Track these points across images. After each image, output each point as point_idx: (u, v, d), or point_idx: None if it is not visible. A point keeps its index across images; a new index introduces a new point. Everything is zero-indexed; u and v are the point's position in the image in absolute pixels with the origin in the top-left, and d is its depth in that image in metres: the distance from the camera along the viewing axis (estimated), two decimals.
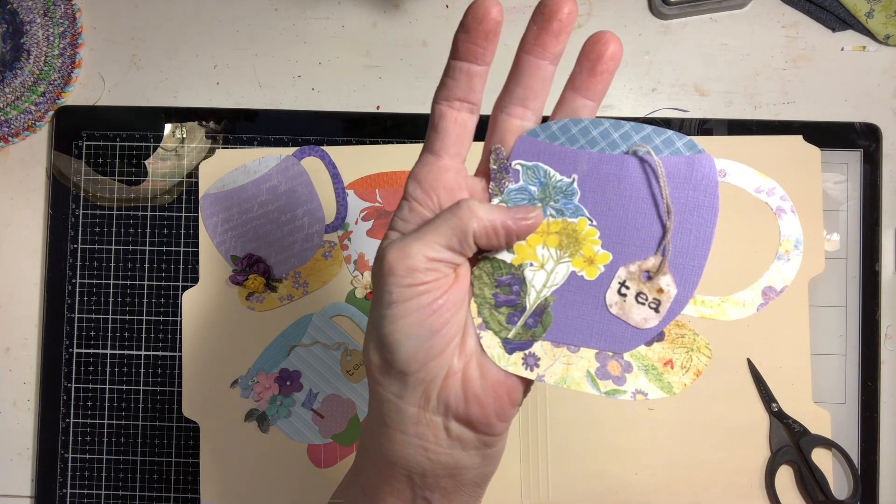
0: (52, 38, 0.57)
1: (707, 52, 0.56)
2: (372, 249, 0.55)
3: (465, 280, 0.29)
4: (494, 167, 0.29)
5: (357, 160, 0.55)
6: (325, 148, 0.55)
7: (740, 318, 0.25)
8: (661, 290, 0.27)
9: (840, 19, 0.55)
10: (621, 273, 0.27)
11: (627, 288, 0.27)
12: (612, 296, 0.27)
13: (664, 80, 0.56)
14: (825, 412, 0.53)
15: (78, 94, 0.58)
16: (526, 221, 0.28)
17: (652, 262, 0.27)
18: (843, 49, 0.56)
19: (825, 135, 0.54)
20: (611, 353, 0.28)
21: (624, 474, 0.53)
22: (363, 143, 0.56)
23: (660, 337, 0.28)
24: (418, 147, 0.55)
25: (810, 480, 0.52)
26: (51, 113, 0.58)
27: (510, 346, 0.28)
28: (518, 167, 0.28)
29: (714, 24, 0.56)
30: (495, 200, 0.28)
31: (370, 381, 0.30)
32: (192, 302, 0.55)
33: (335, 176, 0.54)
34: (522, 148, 0.28)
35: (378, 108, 0.57)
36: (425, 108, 0.57)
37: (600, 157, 0.27)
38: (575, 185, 0.28)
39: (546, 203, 0.28)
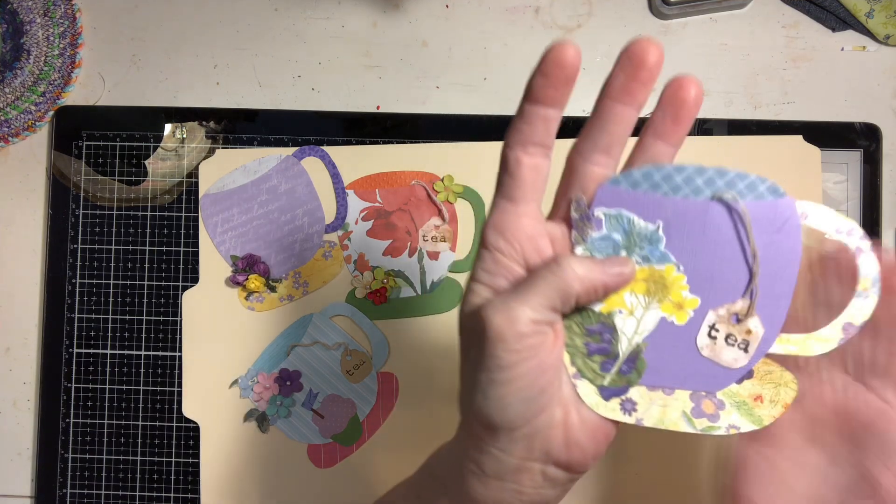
0: (52, 38, 0.57)
1: (707, 52, 0.56)
2: (371, 249, 0.55)
3: (562, 335, 0.29)
4: (576, 216, 0.29)
5: (357, 160, 0.55)
6: (325, 148, 0.55)
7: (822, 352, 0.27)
8: (749, 332, 0.28)
9: (840, 19, 0.55)
10: (710, 316, 0.28)
11: (717, 331, 0.28)
12: (702, 339, 0.28)
13: (664, 80, 0.56)
14: None
15: (78, 94, 0.58)
16: (623, 277, 0.28)
17: (740, 305, 0.28)
18: (843, 49, 0.56)
19: (825, 135, 0.54)
20: (704, 393, 0.29)
21: (625, 477, 0.52)
22: (363, 143, 0.56)
23: (749, 374, 0.29)
24: (419, 147, 0.55)
25: None
26: (51, 113, 0.58)
27: (607, 393, 0.29)
28: (601, 216, 0.29)
29: (714, 24, 0.56)
30: (578, 249, 0.29)
31: (467, 435, 0.29)
32: (192, 302, 0.55)
33: (335, 176, 0.54)
34: (604, 196, 0.28)
35: (378, 108, 0.57)
36: (425, 108, 0.57)
37: (685, 202, 0.28)
38: (660, 231, 0.28)
39: (631, 251, 0.29)
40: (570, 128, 0.55)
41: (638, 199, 0.28)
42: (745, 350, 0.28)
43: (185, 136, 0.57)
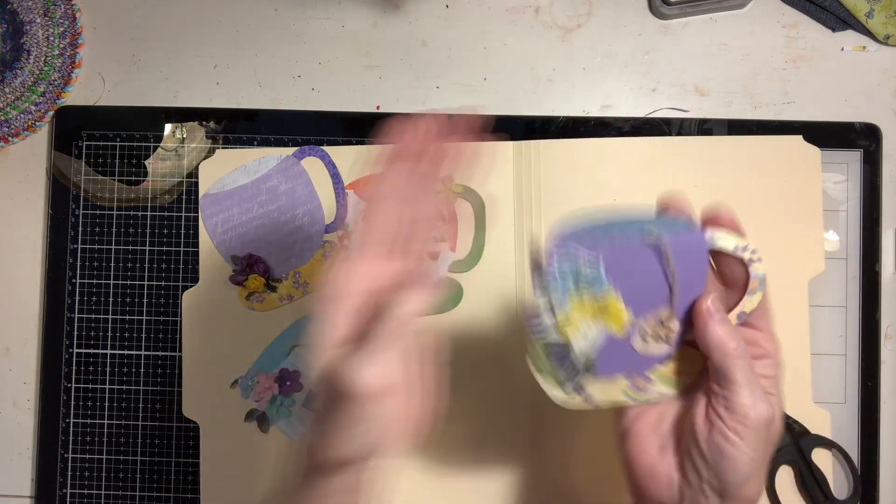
0: (52, 38, 0.57)
1: (707, 52, 0.56)
2: None
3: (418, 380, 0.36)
4: (535, 261, 0.36)
5: (357, 160, 0.55)
6: (325, 148, 0.55)
7: None
8: (670, 329, 0.36)
9: (840, 19, 0.55)
10: (641, 324, 0.36)
11: (647, 332, 0.36)
12: (637, 342, 0.36)
13: (664, 80, 0.56)
14: (825, 412, 0.53)
15: (78, 94, 0.58)
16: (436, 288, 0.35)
17: (664, 313, 0.36)
18: (843, 49, 0.56)
19: (825, 135, 0.54)
20: (637, 374, 0.37)
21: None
22: (363, 143, 0.56)
23: (669, 357, 0.37)
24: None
25: (810, 480, 0.52)
26: (51, 113, 0.58)
27: (567, 388, 0.37)
28: (553, 264, 0.35)
29: (714, 24, 0.56)
30: (540, 294, 0.35)
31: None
32: (192, 302, 0.55)
33: (335, 176, 0.54)
34: (556, 244, 0.35)
35: (378, 108, 0.57)
36: (425, 108, 0.57)
37: (620, 243, 0.35)
38: (601, 266, 0.35)
39: (579, 290, 0.35)
40: (570, 127, 0.55)
41: (581, 236, 0.35)
42: (667, 342, 0.37)
43: (185, 136, 0.57)
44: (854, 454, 0.53)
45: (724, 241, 0.35)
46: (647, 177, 0.54)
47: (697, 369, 0.37)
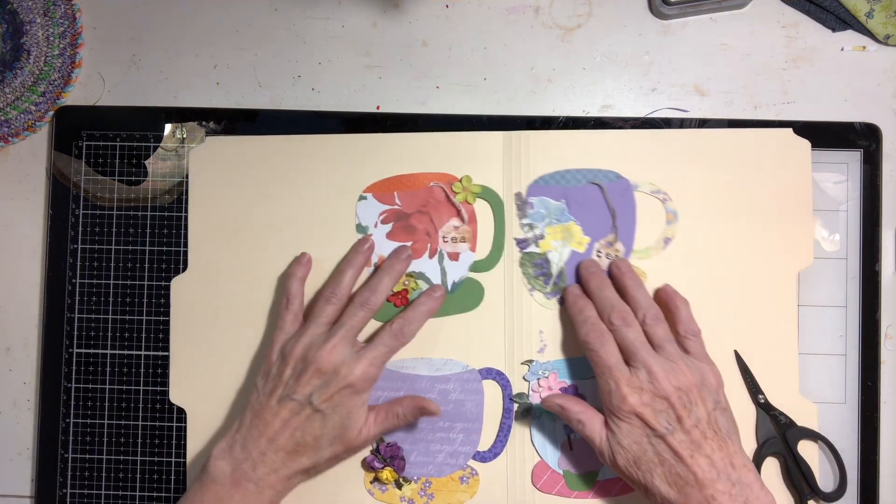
0: (52, 38, 0.57)
1: (707, 52, 0.56)
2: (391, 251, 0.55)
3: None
4: (518, 203, 0.54)
5: (373, 151, 0.55)
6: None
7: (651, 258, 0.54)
8: (618, 250, 0.54)
9: (840, 19, 0.55)
10: (596, 245, 0.54)
11: (601, 252, 0.54)
12: (594, 258, 0.54)
13: (664, 80, 0.56)
14: (812, 404, 0.53)
15: (78, 94, 0.58)
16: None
17: (611, 236, 0.54)
18: (843, 49, 0.56)
19: (825, 135, 0.54)
20: None
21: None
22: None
23: None
24: (433, 136, 0.55)
25: (796, 472, 0.52)
26: (51, 113, 0.58)
27: (549, 295, 0.54)
28: (533, 200, 0.55)
29: (714, 24, 0.56)
30: (524, 220, 0.54)
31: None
32: (181, 290, 0.55)
33: (508, 411, 0.53)
34: (533, 189, 0.55)
35: (378, 108, 0.57)
36: (426, 108, 0.57)
37: (577, 188, 0.54)
38: (564, 206, 0.54)
39: (550, 218, 0.54)
40: (570, 128, 0.55)
41: (552, 189, 0.54)
42: (617, 260, 0.53)
43: (185, 136, 0.57)
44: (854, 454, 0.53)
45: (643, 184, 0.54)
46: (635, 168, 0.54)
47: (643, 278, 0.53)
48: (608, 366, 0.47)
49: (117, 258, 0.56)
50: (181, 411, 0.55)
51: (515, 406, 0.53)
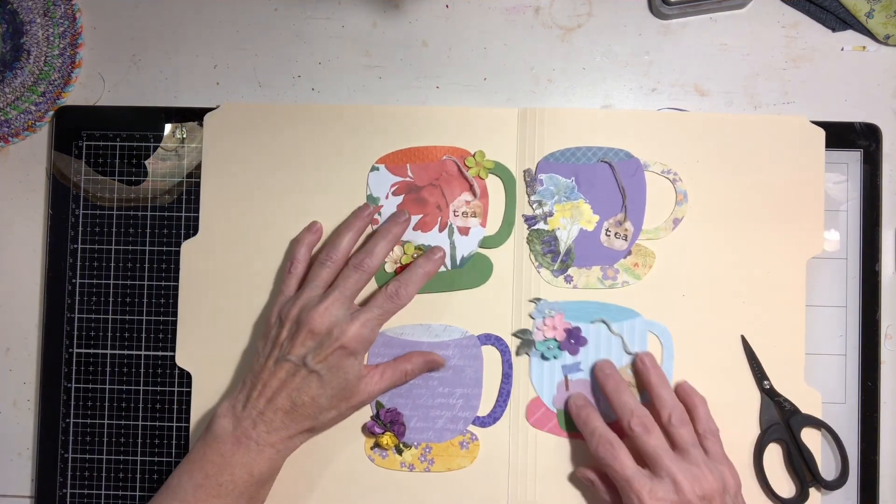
0: (52, 38, 0.57)
1: (707, 52, 0.56)
2: None
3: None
4: (528, 179, 0.54)
5: (387, 123, 0.55)
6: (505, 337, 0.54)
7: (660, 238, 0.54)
8: (626, 230, 0.54)
9: (840, 19, 0.55)
10: (605, 224, 0.54)
11: (609, 231, 0.54)
12: (603, 237, 0.54)
13: (664, 80, 0.56)
14: (816, 393, 0.53)
15: (78, 94, 0.58)
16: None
17: (620, 216, 0.54)
18: (843, 49, 0.56)
19: (825, 135, 0.54)
20: (608, 266, 0.54)
21: None
22: None
23: (629, 252, 0.54)
24: (448, 110, 0.55)
25: (798, 459, 0.52)
26: (51, 113, 0.58)
27: (556, 273, 0.54)
28: (542, 177, 0.55)
29: (714, 24, 0.56)
30: (534, 197, 0.54)
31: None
32: (191, 249, 0.55)
33: (507, 376, 0.54)
34: (542, 166, 0.55)
35: None
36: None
37: (587, 165, 0.54)
38: (574, 184, 0.54)
39: (560, 196, 0.54)
40: None
41: (562, 166, 0.54)
42: (626, 239, 0.54)
43: (185, 136, 0.57)
44: (854, 454, 0.53)
45: (653, 166, 0.53)
46: (649, 148, 0.54)
47: (651, 263, 0.53)
48: (626, 478, 0.46)
49: (117, 258, 0.56)
50: (182, 411, 0.55)
51: (516, 346, 0.53)
